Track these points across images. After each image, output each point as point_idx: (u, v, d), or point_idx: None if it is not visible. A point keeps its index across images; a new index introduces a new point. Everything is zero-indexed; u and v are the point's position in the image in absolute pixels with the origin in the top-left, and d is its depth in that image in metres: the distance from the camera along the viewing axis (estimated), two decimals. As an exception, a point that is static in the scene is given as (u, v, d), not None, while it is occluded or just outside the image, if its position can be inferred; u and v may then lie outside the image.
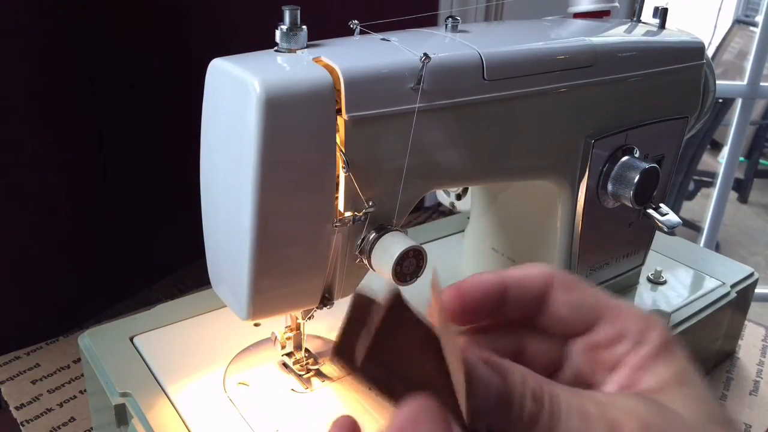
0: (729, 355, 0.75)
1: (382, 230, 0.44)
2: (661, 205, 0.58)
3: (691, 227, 2.10)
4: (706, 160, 2.34)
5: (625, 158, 0.55)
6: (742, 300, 0.70)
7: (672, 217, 0.57)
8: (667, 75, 0.57)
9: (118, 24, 0.77)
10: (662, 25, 0.60)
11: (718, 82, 0.64)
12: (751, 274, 0.72)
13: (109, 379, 0.51)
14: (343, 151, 0.41)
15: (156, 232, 0.88)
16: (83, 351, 0.55)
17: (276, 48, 0.42)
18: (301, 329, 0.52)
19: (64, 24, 0.71)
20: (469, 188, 0.67)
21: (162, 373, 0.52)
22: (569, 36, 0.55)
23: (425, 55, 0.41)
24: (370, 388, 0.23)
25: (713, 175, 1.86)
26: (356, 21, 0.46)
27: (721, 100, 1.97)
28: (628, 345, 0.27)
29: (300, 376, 0.52)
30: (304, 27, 0.41)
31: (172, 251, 0.89)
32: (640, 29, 0.59)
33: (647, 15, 0.61)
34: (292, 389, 0.51)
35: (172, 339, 0.56)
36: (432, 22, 0.52)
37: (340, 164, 0.41)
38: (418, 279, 0.44)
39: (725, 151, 1.73)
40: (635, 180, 0.54)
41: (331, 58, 0.40)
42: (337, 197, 0.43)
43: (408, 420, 0.21)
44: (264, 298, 0.43)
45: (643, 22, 0.61)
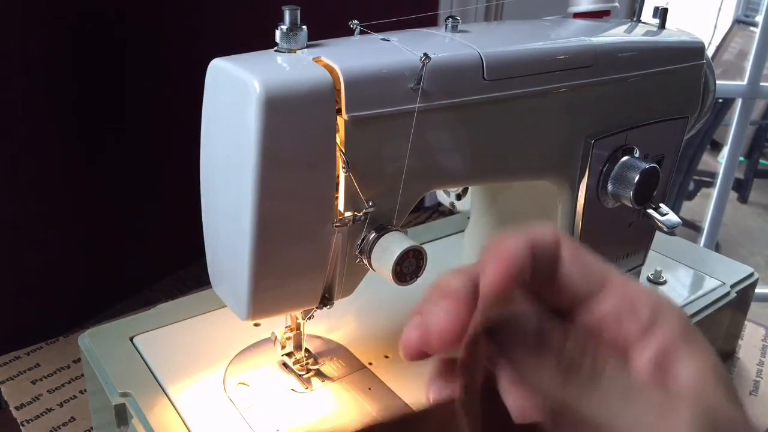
0: (729, 355, 0.75)
1: (382, 230, 0.44)
2: (661, 205, 0.58)
3: (691, 227, 2.10)
4: (706, 160, 2.34)
5: (625, 158, 0.55)
6: (742, 300, 0.70)
7: (672, 217, 0.57)
8: (667, 75, 0.57)
9: (118, 24, 0.77)
10: (662, 25, 0.60)
11: (718, 82, 0.64)
12: (751, 274, 0.72)
13: (109, 379, 0.51)
14: (343, 151, 0.41)
15: (156, 232, 0.88)
16: (83, 351, 0.55)
17: (276, 48, 0.42)
18: (301, 329, 0.52)
19: (64, 24, 0.71)
20: (469, 188, 0.67)
21: (162, 373, 0.52)
22: (569, 36, 0.55)
23: (425, 55, 0.41)
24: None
25: (713, 175, 1.86)
26: (356, 21, 0.46)
27: (721, 100, 1.97)
28: (638, 326, 0.24)
29: (300, 376, 0.52)
30: (304, 27, 0.41)
31: (172, 251, 0.89)
32: (640, 29, 0.59)
33: (647, 15, 0.61)
34: (292, 389, 0.51)
35: (172, 339, 0.56)
36: (432, 22, 0.52)
37: (340, 164, 0.41)
38: (418, 279, 0.44)
39: (725, 151, 1.73)
40: (635, 180, 0.54)
41: (331, 58, 0.40)
42: (337, 197, 0.43)
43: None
44: (264, 298, 0.43)
45: (643, 22, 0.61)
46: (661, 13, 0.60)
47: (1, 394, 0.66)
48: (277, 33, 0.41)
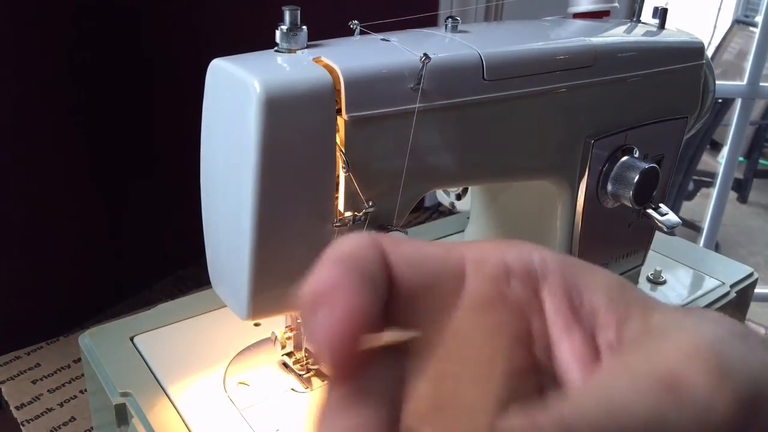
0: (729, 354, 0.75)
1: (382, 230, 0.44)
2: (661, 205, 0.58)
3: (691, 227, 2.10)
4: (705, 160, 2.34)
5: (625, 158, 0.55)
6: (741, 300, 0.70)
7: (672, 217, 0.57)
8: (666, 75, 0.57)
9: (117, 24, 0.77)
10: (662, 25, 0.60)
11: (717, 82, 0.64)
12: (751, 274, 0.72)
13: (110, 379, 0.51)
14: (343, 151, 0.41)
15: (156, 232, 0.88)
16: (83, 351, 0.55)
17: (276, 48, 0.42)
18: (301, 329, 0.52)
19: (64, 25, 0.71)
20: (469, 188, 0.67)
21: (162, 373, 0.52)
22: (569, 36, 0.55)
23: (425, 55, 0.41)
24: None
25: (713, 175, 1.86)
26: (356, 21, 0.46)
27: (720, 100, 1.97)
28: (524, 282, 0.19)
29: (300, 375, 0.52)
30: (304, 27, 0.41)
31: (172, 251, 0.89)
32: (640, 29, 0.59)
33: (647, 15, 0.61)
34: (292, 389, 0.51)
35: (172, 339, 0.56)
36: (432, 22, 0.52)
37: (340, 164, 0.41)
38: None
39: (725, 151, 1.73)
40: (635, 180, 0.54)
41: (331, 58, 0.40)
42: (337, 197, 0.43)
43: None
44: (264, 298, 0.43)
45: (643, 23, 0.61)
46: (661, 14, 0.60)
47: (1, 394, 0.66)
48: (277, 33, 0.41)
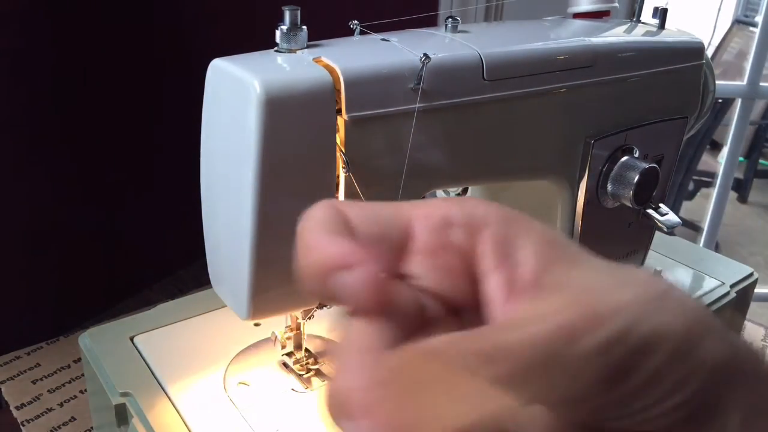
0: (729, 354, 0.75)
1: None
2: (661, 205, 0.58)
3: (691, 227, 2.10)
4: (705, 160, 2.34)
5: (625, 158, 0.55)
6: (741, 300, 0.70)
7: (672, 217, 0.57)
8: (666, 75, 0.57)
9: (117, 24, 0.77)
10: (662, 26, 0.60)
11: (717, 82, 0.64)
12: (751, 274, 0.72)
13: (110, 379, 0.51)
14: (343, 151, 0.41)
15: (156, 232, 0.88)
16: (83, 351, 0.55)
17: (276, 48, 0.42)
18: (301, 329, 0.52)
19: (63, 25, 0.71)
20: (469, 188, 0.67)
21: (162, 373, 0.52)
22: (569, 36, 0.55)
23: (425, 55, 0.41)
24: None
25: (713, 175, 1.86)
26: (356, 21, 0.46)
27: (720, 100, 1.97)
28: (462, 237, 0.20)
29: (300, 375, 0.52)
30: (304, 27, 0.41)
31: (172, 251, 0.89)
32: (640, 29, 0.59)
33: (647, 15, 0.61)
34: (292, 389, 0.51)
35: (172, 339, 0.56)
36: (432, 22, 0.52)
37: (340, 164, 0.41)
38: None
39: (725, 151, 1.73)
40: (635, 180, 0.54)
41: (331, 58, 0.40)
42: (337, 197, 0.43)
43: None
44: (264, 297, 0.43)
45: (643, 23, 0.61)
46: (661, 14, 0.60)
47: (1, 394, 0.66)
48: (277, 33, 0.41)
